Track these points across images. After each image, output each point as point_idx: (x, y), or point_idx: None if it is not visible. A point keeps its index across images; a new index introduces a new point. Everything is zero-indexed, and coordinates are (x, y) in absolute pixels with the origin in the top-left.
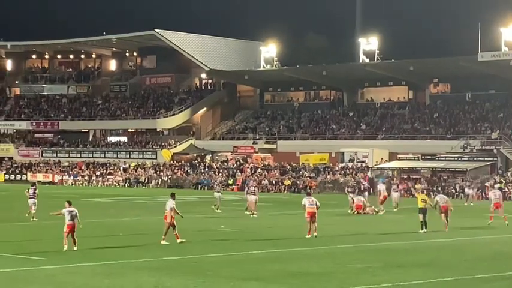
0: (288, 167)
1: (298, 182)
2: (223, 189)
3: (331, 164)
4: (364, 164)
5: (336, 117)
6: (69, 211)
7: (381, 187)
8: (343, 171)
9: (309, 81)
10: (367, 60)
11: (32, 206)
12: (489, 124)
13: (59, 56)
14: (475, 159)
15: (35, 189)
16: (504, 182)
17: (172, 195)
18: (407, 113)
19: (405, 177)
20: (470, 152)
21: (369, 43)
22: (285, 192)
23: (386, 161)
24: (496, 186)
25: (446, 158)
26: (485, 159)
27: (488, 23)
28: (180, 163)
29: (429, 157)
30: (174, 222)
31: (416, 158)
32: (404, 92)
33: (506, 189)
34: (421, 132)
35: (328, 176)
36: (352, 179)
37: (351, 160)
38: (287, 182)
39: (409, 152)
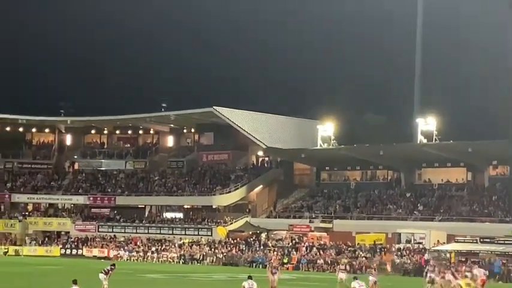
0: (344, 246)
1: (354, 263)
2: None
3: (387, 245)
4: (421, 246)
5: (393, 198)
6: None
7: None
8: (399, 252)
9: (366, 160)
10: (425, 141)
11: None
12: None
13: (117, 132)
14: None
15: (110, 269)
16: None
17: (250, 277)
18: (466, 194)
19: (463, 259)
20: None
21: (427, 123)
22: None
23: (444, 243)
24: None
25: (506, 242)
26: None
27: None
28: (235, 240)
29: (488, 240)
30: None
31: (475, 241)
32: (462, 174)
33: None
34: (479, 214)
35: (384, 257)
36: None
37: (408, 241)
38: (343, 262)
39: (467, 234)
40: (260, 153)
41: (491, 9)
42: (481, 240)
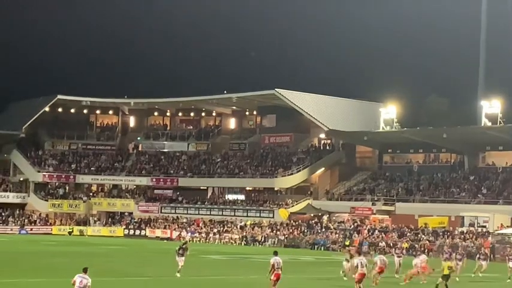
0: (406, 229)
1: (416, 246)
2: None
3: (450, 228)
4: (484, 229)
5: (456, 181)
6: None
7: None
8: (462, 236)
9: (428, 143)
10: (489, 124)
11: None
12: None
13: (180, 114)
14: None
15: (184, 249)
16: None
17: (276, 253)
18: None
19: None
20: None
21: (491, 106)
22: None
23: (508, 226)
24: None
25: None
26: None
27: None
28: (296, 223)
29: None
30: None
31: None
32: None
33: None
34: None
35: (447, 240)
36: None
37: (471, 225)
38: (405, 245)
39: None
40: (322, 135)
41: None
42: None
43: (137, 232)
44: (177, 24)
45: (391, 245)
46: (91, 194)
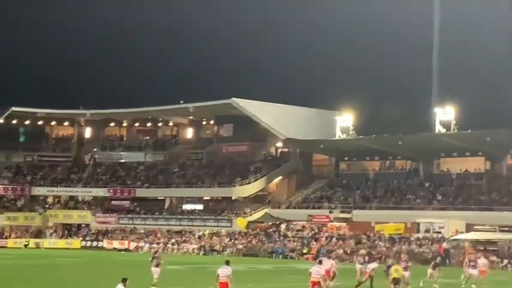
0: (363, 236)
1: (373, 252)
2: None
3: (407, 234)
4: (440, 235)
5: (412, 187)
6: None
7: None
8: (418, 242)
9: (384, 150)
10: (443, 131)
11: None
12: None
13: (136, 124)
14: None
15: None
16: None
17: (227, 263)
18: (484, 183)
19: (481, 248)
20: None
21: (445, 113)
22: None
23: (463, 232)
24: None
25: None
26: None
27: None
28: (255, 231)
29: (506, 229)
30: None
31: (494, 230)
32: (481, 163)
33: None
34: (498, 203)
35: (403, 247)
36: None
37: (427, 231)
38: (362, 252)
39: (486, 223)
40: (279, 144)
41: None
42: (500, 229)
43: (94, 244)
44: (131, 34)
45: (349, 252)
46: (47, 206)
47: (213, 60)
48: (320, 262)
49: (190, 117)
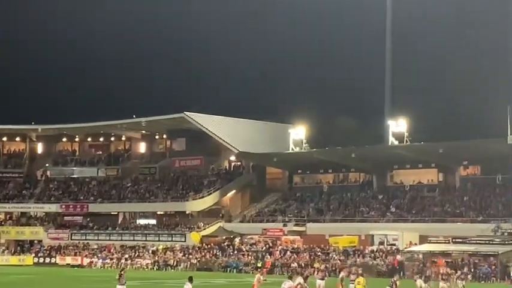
0: (318, 249)
1: (327, 265)
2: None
3: (361, 247)
4: (394, 247)
5: (366, 200)
6: None
7: None
8: (373, 254)
9: (338, 163)
10: (396, 143)
11: None
12: None
13: (89, 139)
14: (506, 242)
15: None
16: None
17: (190, 279)
18: (437, 195)
19: (435, 260)
20: (501, 236)
21: (398, 125)
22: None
23: (416, 244)
24: None
25: (477, 241)
26: None
27: None
28: (209, 246)
29: (460, 240)
30: None
31: (447, 241)
32: (434, 175)
33: None
34: (451, 214)
35: (358, 259)
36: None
37: (381, 243)
38: (316, 265)
39: (440, 235)
40: (232, 158)
41: (459, 11)
42: (453, 240)
43: (47, 260)
44: (81, 48)
45: (303, 265)
46: None
47: (166, 74)
48: (290, 278)
49: (143, 132)
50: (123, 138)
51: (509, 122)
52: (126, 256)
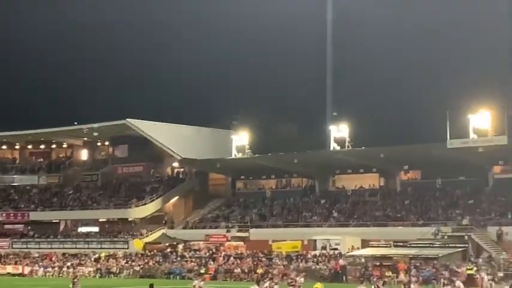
0: (261, 255)
1: (270, 271)
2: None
3: (304, 252)
4: (336, 252)
5: (308, 205)
6: None
7: None
8: (315, 259)
9: (280, 169)
10: (338, 148)
11: None
12: (460, 210)
13: (29, 147)
14: (447, 245)
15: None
16: (476, 268)
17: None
18: (379, 199)
19: (377, 264)
20: (441, 239)
21: (339, 130)
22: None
23: (358, 248)
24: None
25: (418, 245)
26: (457, 245)
27: (457, 110)
28: (152, 252)
29: (401, 244)
30: None
31: (388, 245)
32: (375, 179)
33: (478, 276)
34: (392, 218)
35: (301, 264)
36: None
37: (324, 248)
38: (259, 271)
39: (381, 238)
40: (175, 164)
41: (399, 15)
42: (395, 244)
43: None
44: (20, 54)
45: (246, 271)
46: None
47: (108, 80)
48: (258, 282)
49: (85, 139)
50: (65, 146)
51: (448, 127)
52: (68, 264)
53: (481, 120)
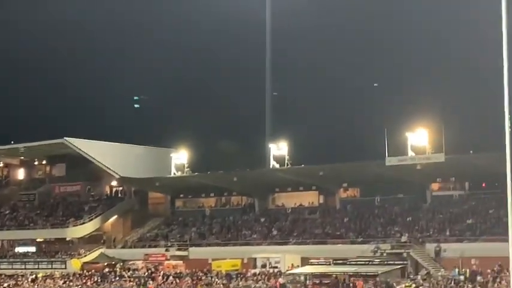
0: (201, 274)
1: None
2: None
3: (244, 270)
4: (276, 270)
5: (248, 223)
6: None
7: None
8: (255, 277)
9: (220, 187)
10: (277, 166)
11: None
12: (398, 228)
13: None
14: (386, 263)
15: None
16: (414, 285)
17: None
18: (318, 217)
19: (317, 282)
20: (380, 256)
21: (279, 149)
22: None
23: (298, 266)
24: None
25: (358, 262)
26: (396, 262)
27: (395, 128)
28: (90, 272)
29: (340, 261)
30: None
31: (328, 263)
32: (314, 197)
33: None
34: (332, 236)
35: (240, 283)
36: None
37: (263, 266)
38: None
39: (321, 256)
40: (114, 183)
41: (339, 36)
42: (334, 261)
43: None
44: None
45: None
46: None
47: (46, 99)
48: None
49: (22, 158)
50: (1, 165)
51: (387, 145)
52: (5, 285)
53: (419, 138)
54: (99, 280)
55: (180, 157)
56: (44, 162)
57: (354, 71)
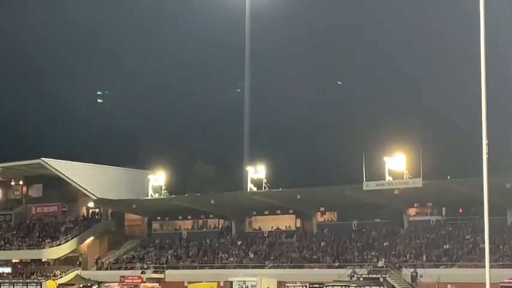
0: None
1: None
2: None
3: None
4: None
5: (225, 246)
6: None
7: None
8: None
9: (197, 209)
10: (255, 189)
11: None
12: (375, 252)
13: None
14: (362, 287)
15: None
16: None
17: None
18: (295, 241)
19: None
20: (357, 281)
21: (256, 172)
22: None
23: None
24: None
25: (334, 286)
26: (372, 287)
27: (373, 153)
28: None
29: (317, 286)
30: None
31: (305, 287)
32: (291, 221)
33: None
34: (308, 260)
35: None
36: None
37: None
38: None
39: (297, 280)
40: (91, 204)
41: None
42: (311, 286)
43: None
44: None
45: None
46: None
47: (22, 120)
48: None
49: None
50: None
51: (364, 169)
52: None
53: (396, 163)
54: None
55: (158, 179)
56: (20, 182)
57: (334, 95)
